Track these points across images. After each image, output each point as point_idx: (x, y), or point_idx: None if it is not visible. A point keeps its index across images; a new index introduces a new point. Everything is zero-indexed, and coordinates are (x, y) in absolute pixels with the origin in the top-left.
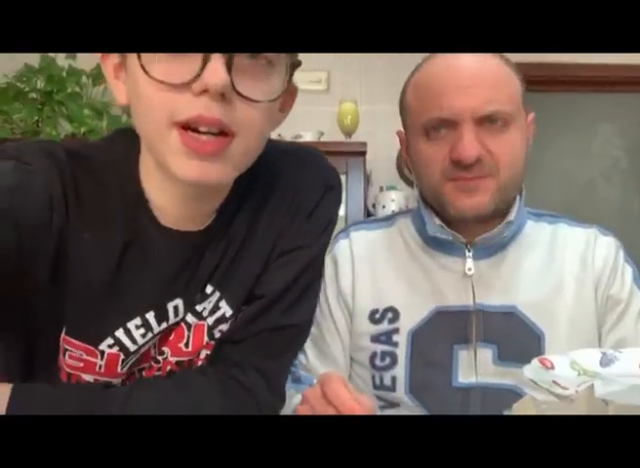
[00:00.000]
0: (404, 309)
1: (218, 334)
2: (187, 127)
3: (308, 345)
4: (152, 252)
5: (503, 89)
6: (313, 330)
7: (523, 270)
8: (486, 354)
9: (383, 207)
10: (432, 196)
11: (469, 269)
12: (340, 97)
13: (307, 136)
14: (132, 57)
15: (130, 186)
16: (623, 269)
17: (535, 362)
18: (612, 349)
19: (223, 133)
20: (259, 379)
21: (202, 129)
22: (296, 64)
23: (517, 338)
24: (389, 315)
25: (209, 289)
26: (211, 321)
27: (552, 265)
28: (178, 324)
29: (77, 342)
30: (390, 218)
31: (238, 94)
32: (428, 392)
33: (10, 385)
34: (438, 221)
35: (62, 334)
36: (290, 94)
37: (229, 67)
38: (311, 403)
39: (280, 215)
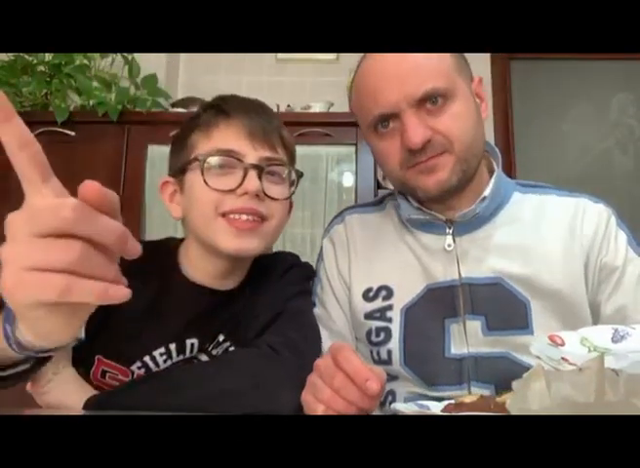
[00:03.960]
0: (397, 287)
1: None
2: (227, 215)
3: None
4: (178, 300)
5: (431, 67)
6: (319, 310)
7: (506, 242)
8: (475, 325)
9: None
10: (400, 185)
11: (449, 245)
12: (351, 66)
13: (317, 107)
14: (191, 175)
15: (168, 260)
16: (617, 235)
17: (544, 339)
18: (623, 325)
19: (258, 218)
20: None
21: (243, 216)
22: (299, 177)
23: (504, 308)
24: (383, 293)
25: (221, 337)
26: None
27: (538, 235)
28: (191, 360)
29: (113, 363)
30: (382, 201)
31: (266, 195)
32: (423, 363)
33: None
34: (416, 204)
35: (99, 356)
36: (290, 204)
37: (260, 178)
38: (321, 371)
39: (266, 286)
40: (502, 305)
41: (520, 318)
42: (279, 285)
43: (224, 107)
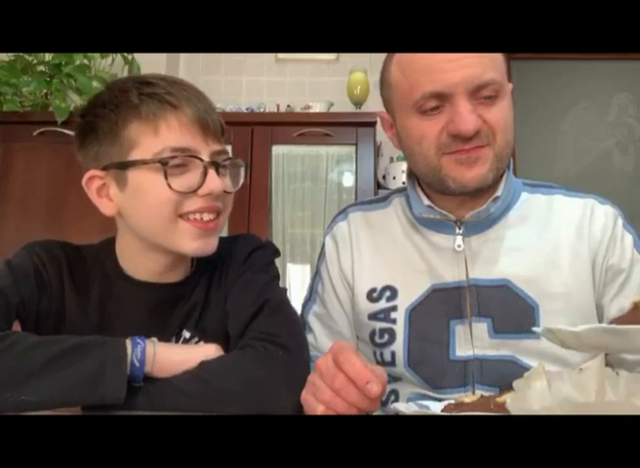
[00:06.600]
0: (401, 287)
1: None
2: (187, 216)
3: (316, 324)
4: (125, 302)
5: (491, 58)
6: (320, 309)
7: (516, 243)
8: (481, 327)
9: (394, 178)
10: (428, 172)
11: (459, 246)
12: (350, 66)
13: (317, 107)
14: (140, 174)
15: (107, 262)
16: (623, 237)
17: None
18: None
19: (217, 215)
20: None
21: (205, 216)
22: (245, 166)
23: (511, 311)
24: (387, 293)
25: (186, 334)
26: None
27: (547, 236)
28: None
29: None
30: (387, 198)
31: (225, 191)
32: (427, 366)
33: None
34: (427, 201)
35: None
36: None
37: (218, 174)
38: (322, 371)
39: (227, 272)
40: (510, 308)
41: (528, 321)
42: (246, 273)
43: (168, 98)
